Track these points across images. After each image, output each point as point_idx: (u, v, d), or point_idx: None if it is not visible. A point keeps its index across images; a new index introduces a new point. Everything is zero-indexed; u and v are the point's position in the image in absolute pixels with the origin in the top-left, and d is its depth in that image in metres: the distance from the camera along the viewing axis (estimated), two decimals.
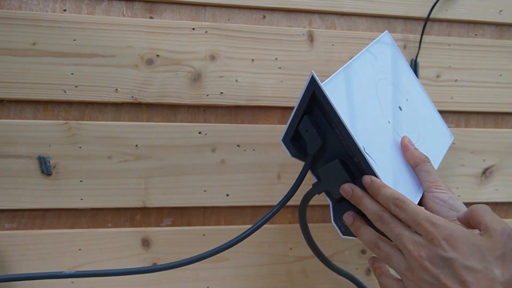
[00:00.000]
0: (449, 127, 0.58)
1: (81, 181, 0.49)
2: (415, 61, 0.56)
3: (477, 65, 0.59)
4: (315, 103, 0.42)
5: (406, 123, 0.49)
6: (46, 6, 0.49)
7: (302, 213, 0.48)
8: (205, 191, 0.52)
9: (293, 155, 0.45)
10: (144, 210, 0.52)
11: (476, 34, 0.60)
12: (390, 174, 0.43)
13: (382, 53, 0.50)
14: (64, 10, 0.49)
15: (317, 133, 0.43)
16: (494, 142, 0.61)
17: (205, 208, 0.53)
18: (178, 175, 0.51)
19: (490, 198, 0.61)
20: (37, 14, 0.48)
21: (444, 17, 0.58)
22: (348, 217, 0.43)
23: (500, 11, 0.60)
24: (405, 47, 0.57)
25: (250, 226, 0.47)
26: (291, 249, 0.54)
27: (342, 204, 0.44)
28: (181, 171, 0.51)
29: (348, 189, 0.42)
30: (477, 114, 0.61)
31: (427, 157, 0.45)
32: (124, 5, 0.50)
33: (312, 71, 0.41)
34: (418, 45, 0.57)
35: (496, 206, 0.63)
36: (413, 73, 0.54)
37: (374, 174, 0.40)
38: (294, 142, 0.45)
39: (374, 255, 0.42)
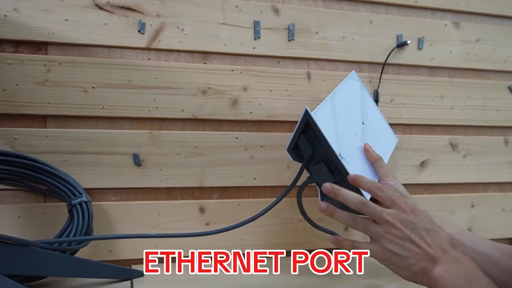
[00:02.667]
0: (398, 134, 0.72)
1: (160, 169, 0.64)
2: (377, 91, 0.73)
3: (416, 94, 0.75)
4: (308, 127, 0.52)
5: (367, 133, 0.60)
6: (137, 56, 0.64)
7: (299, 196, 0.58)
8: (240, 176, 0.68)
9: (294, 159, 0.56)
10: (201, 189, 0.66)
11: (416, 73, 0.77)
12: (358, 169, 0.53)
13: (352, 86, 0.63)
14: (149, 59, 0.65)
15: (309, 146, 0.53)
16: (428, 144, 0.76)
17: (240, 187, 0.68)
18: (222, 166, 0.66)
19: (426, 181, 0.76)
20: (132, 62, 0.63)
21: (395, 62, 0.75)
22: (322, 205, 0.50)
23: (432, 58, 0.77)
24: (370, 81, 0.74)
25: (270, 199, 0.61)
26: (296, 214, 0.69)
27: None
28: (225, 163, 0.66)
29: (328, 187, 0.49)
30: (417, 126, 0.77)
31: (380, 157, 0.56)
32: (188, 56, 0.67)
33: (306, 106, 0.51)
34: (378, 80, 0.73)
35: (429, 186, 0.77)
36: (371, 98, 0.65)
37: (347, 172, 0.50)
38: (295, 150, 0.56)
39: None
